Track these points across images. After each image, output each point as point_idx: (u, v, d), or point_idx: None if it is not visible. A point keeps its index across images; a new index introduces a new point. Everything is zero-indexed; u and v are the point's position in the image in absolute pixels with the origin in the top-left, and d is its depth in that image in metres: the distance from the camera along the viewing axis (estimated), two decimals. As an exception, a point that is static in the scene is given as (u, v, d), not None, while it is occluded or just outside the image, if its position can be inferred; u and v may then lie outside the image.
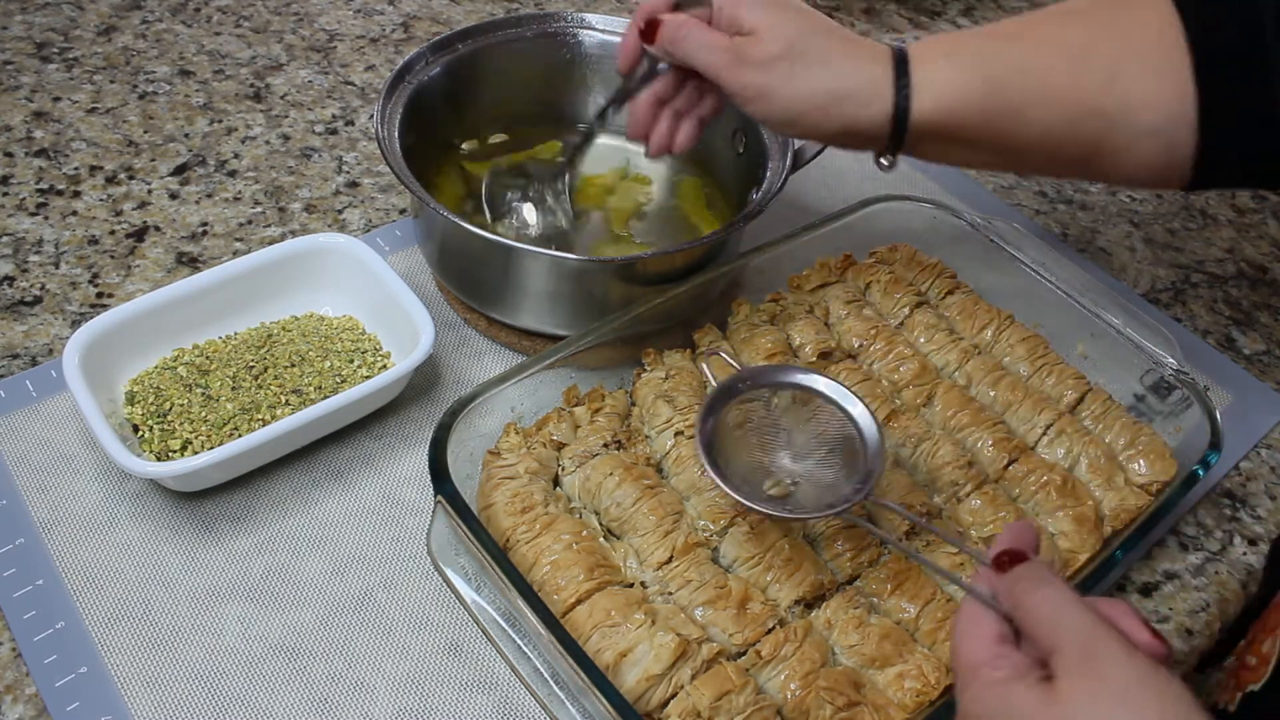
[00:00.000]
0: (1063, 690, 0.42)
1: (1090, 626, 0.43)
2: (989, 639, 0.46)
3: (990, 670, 0.44)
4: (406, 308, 0.72)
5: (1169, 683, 0.42)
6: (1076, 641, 0.43)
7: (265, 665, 0.61)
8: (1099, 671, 0.42)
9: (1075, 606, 0.44)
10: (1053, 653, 0.44)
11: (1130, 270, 0.96)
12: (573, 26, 0.87)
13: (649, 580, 0.61)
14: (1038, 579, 0.46)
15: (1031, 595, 0.45)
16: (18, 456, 0.68)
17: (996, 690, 0.44)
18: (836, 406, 0.63)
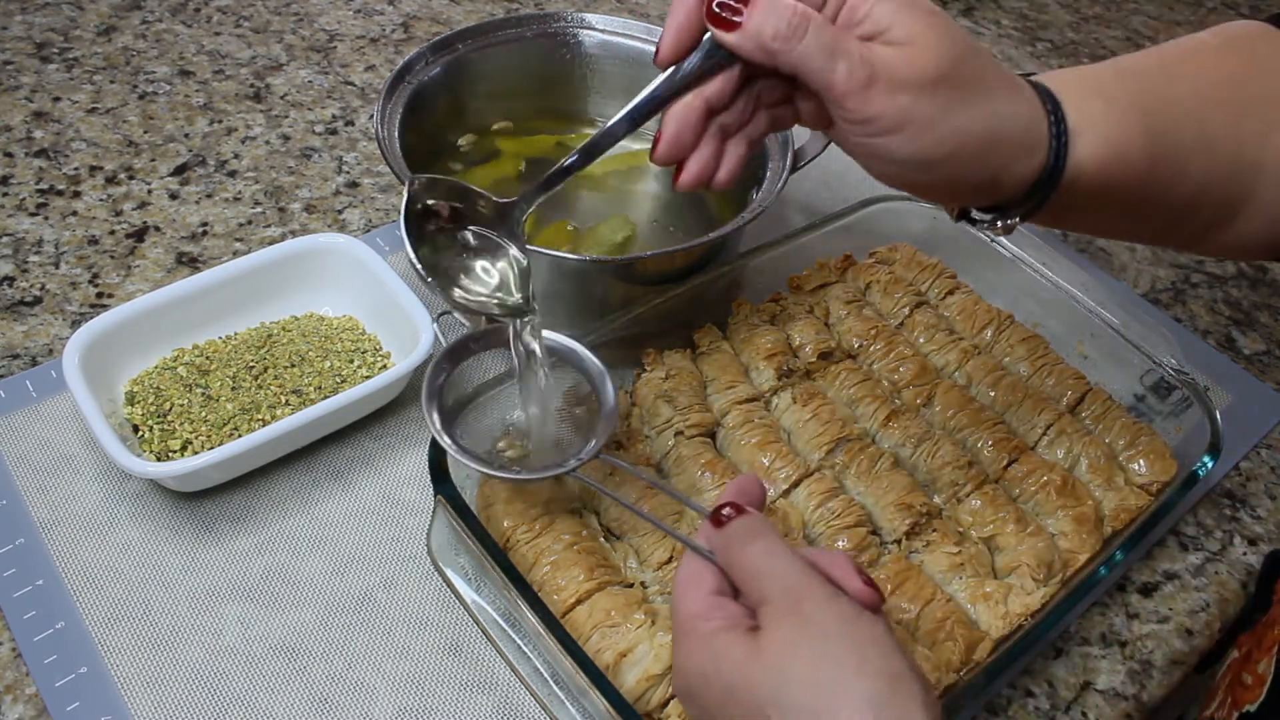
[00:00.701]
0: (766, 638, 0.43)
1: (797, 575, 0.44)
2: (706, 591, 0.46)
3: (703, 621, 0.45)
4: (406, 308, 0.72)
5: (871, 625, 0.43)
6: (782, 589, 0.44)
7: (265, 665, 0.61)
8: (801, 615, 0.43)
9: (784, 558, 0.45)
10: (761, 604, 0.44)
11: (1130, 270, 0.96)
12: (573, 26, 0.87)
13: (649, 580, 0.61)
14: (750, 532, 0.46)
15: (744, 549, 0.46)
16: (18, 456, 0.68)
17: (706, 641, 0.44)
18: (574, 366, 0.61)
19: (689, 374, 0.71)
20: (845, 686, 0.41)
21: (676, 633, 0.46)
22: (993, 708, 0.64)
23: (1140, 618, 0.70)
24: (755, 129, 0.53)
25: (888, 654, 0.42)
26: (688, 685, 0.45)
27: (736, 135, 0.53)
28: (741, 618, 0.44)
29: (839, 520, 0.65)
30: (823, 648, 0.42)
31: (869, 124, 0.48)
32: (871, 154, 0.49)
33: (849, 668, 0.41)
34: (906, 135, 0.47)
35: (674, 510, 0.64)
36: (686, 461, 0.66)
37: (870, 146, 0.49)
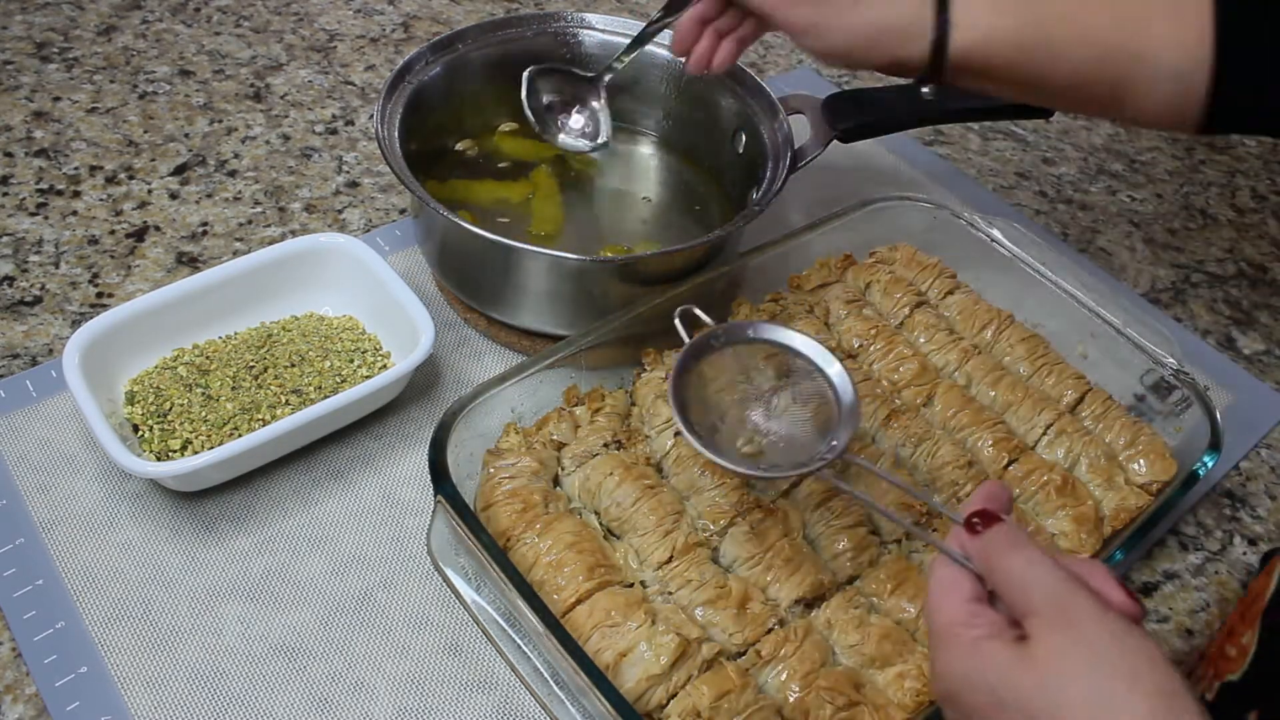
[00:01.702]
0: (1036, 648, 0.43)
1: (1064, 586, 0.44)
2: (964, 599, 0.46)
3: (965, 629, 0.45)
4: (406, 308, 0.72)
5: (1142, 640, 0.42)
6: (1050, 601, 0.44)
7: (265, 665, 0.61)
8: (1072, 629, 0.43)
9: (1048, 567, 0.45)
10: (1027, 614, 0.44)
11: (1130, 270, 0.96)
12: (573, 26, 0.87)
13: (649, 580, 0.61)
14: (1011, 541, 0.46)
15: (1005, 558, 0.46)
16: (18, 456, 0.68)
17: (971, 649, 0.44)
18: (812, 365, 0.61)
19: (689, 374, 0.71)
20: (1121, 701, 0.40)
21: (935, 639, 0.46)
22: (993, 708, 0.64)
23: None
24: (744, 31, 0.72)
25: (1161, 670, 0.42)
26: (950, 690, 0.45)
27: (729, 36, 0.73)
28: (1005, 627, 0.44)
29: (839, 520, 0.65)
30: (1097, 663, 0.42)
31: (792, 29, 0.66)
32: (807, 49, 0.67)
33: (1124, 682, 0.41)
34: (813, 36, 0.65)
35: (674, 512, 0.63)
36: (686, 461, 0.66)
37: (802, 43, 0.67)
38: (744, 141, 0.84)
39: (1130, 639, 0.42)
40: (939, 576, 0.48)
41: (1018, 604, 0.44)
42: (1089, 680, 0.41)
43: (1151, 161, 1.09)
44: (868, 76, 1.13)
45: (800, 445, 0.60)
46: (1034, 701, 0.42)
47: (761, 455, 0.60)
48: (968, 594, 0.46)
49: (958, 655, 0.44)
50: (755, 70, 1.09)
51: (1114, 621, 0.43)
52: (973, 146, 1.06)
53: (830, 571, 0.64)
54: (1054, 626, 0.43)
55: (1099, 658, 0.42)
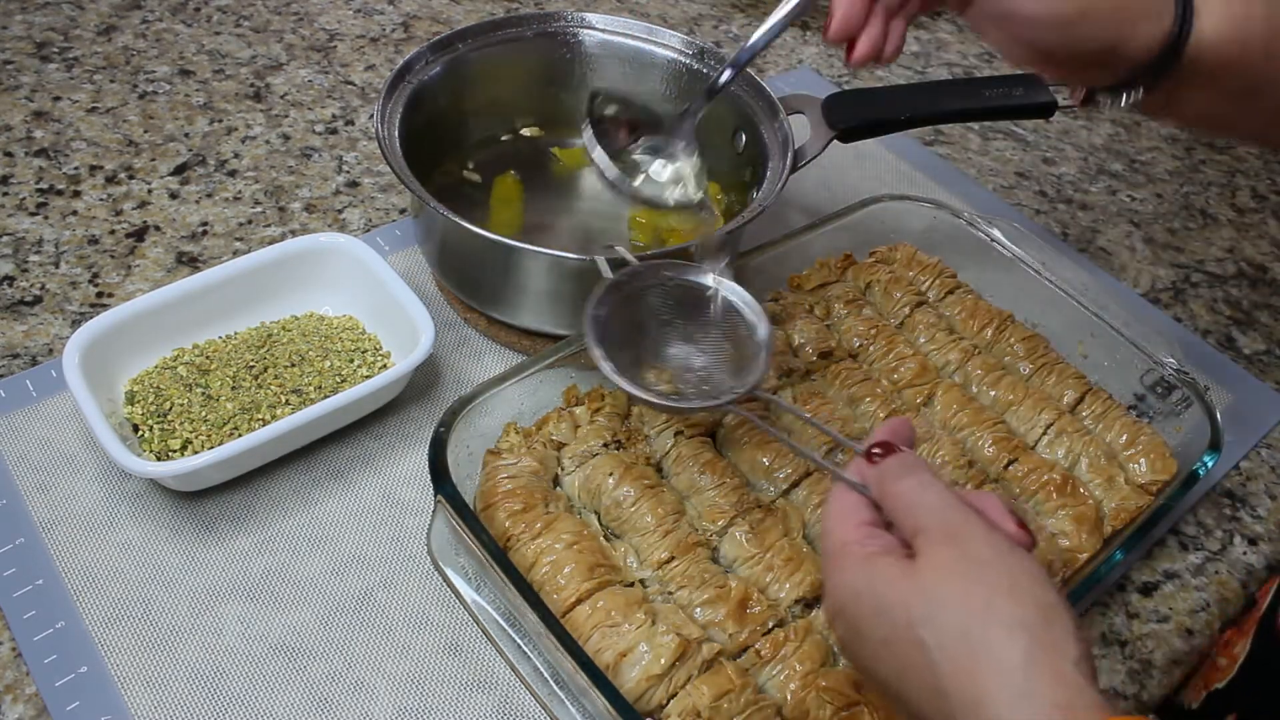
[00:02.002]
0: (922, 562, 0.44)
1: (953, 507, 0.45)
2: (859, 522, 0.47)
3: (857, 548, 0.46)
4: (406, 308, 0.72)
5: (1025, 559, 0.43)
6: (938, 520, 0.45)
7: (265, 665, 0.61)
8: (957, 545, 0.44)
9: (940, 491, 0.46)
10: (916, 533, 0.45)
11: (1130, 270, 0.96)
12: (573, 26, 0.87)
13: (649, 580, 0.61)
14: (905, 466, 0.47)
15: (899, 482, 0.47)
16: (18, 456, 0.68)
17: (861, 565, 0.45)
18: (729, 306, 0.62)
19: (689, 374, 0.71)
20: (998, 609, 0.41)
21: (827, 557, 0.47)
22: (993, 707, 0.64)
23: (1140, 617, 0.70)
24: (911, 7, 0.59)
25: (1041, 584, 0.42)
26: (838, 602, 0.46)
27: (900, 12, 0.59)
28: (895, 545, 0.46)
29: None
30: (978, 573, 0.43)
31: None
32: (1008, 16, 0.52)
33: (1001, 592, 0.42)
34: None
35: (674, 512, 0.64)
36: (686, 461, 0.66)
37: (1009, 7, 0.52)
38: (744, 141, 0.84)
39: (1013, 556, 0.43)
40: (835, 502, 0.49)
41: (907, 524, 0.46)
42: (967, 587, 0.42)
43: (1151, 161, 1.09)
44: (867, 76, 1.13)
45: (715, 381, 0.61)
46: (913, 608, 0.43)
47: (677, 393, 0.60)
48: (863, 518, 0.47)
49: (848, 570, 0.46)
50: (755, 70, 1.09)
51: (1000, 541, 0.44)
52: (973, 146, 1.06)
53: (830, 571, 0.64)
54: (940, 542, 0.44)
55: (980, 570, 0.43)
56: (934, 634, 0.42)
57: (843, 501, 0.49)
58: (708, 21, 1.18)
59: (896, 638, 0.43)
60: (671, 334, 0.63)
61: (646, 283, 0.63)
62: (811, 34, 1.18)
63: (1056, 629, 0.41)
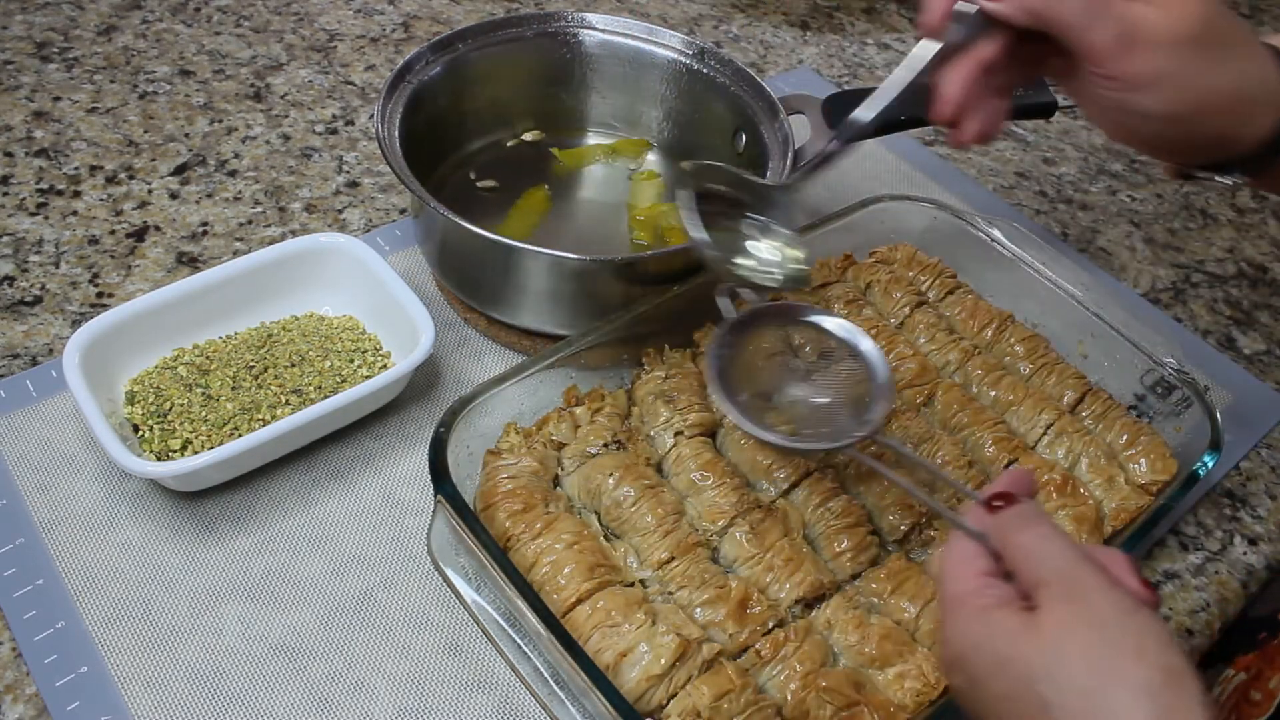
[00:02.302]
0: (1044, 616, 0.43)
1: (1075, 561, 0.44)
2: (977, 571, 0.46)
3: (975, 598, 0.45)
4: (406, 308, 0.72)
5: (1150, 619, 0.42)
6: (1060, 574, 0.44)
7: (265, 665, 0.61)
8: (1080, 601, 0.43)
9: (1062, 543, 0.45)
10: (1037, 586, 0.44)
11: (1130, 270, 0.96)
12: (573, 26, 0.87)
13: (649, 580, 0.61)
14: (1027, 518, 0.46)
15: (1020, 533, 0.46)
16: (18, 456, 0.68)
17: (980, 618, 0.44)
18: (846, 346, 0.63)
19: (689, 374, 0.71)
20: (1122, 671, 0.40)
21: (945, 609, 0.46)
22: (993, 708, 0.64)
23: (1140, 617, 0.70)
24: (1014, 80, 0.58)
25: (1166, 648, 0.41)
26: (957, 653, 0.45)
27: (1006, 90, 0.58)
28: (1014, 598, 0.45)
29: (839, 520, 0.65)
30: (1101, 633, 0.42)
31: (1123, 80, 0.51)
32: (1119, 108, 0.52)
33: (1127, 654, 0.41)
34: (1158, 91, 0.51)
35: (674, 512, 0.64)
36: (687, 461, 0.66)
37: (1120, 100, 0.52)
38: (744, 141, 0.84)
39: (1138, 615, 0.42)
40: (954, 549, 0.48)
41: (1029, 576, 0.45)
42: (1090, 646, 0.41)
43: (1151, 161, 1.09)
44: (867, 76, 1.14)
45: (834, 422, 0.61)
46: (1034, 665, 0.42)
47: (795, 433, 0.61)
48: (981, 568, 0.46)
49: (966, 621, 0.45)
50: (755, 70, 1.09)
51: (1123, 599, 0.43)
52: (973, 146, 1.06)
53: (830, 571, 0.64)
54: (1062, 597, 0.43)
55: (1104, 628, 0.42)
56: (1055, 693, 0.41)
57: (962, 549, 0.48)
58: (708, 21, 1.18)
59: (1016, 694, 0.42)
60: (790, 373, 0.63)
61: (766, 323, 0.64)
62: (811, 34, 1.18)
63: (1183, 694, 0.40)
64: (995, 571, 0.46)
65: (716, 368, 0.61)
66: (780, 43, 1.16)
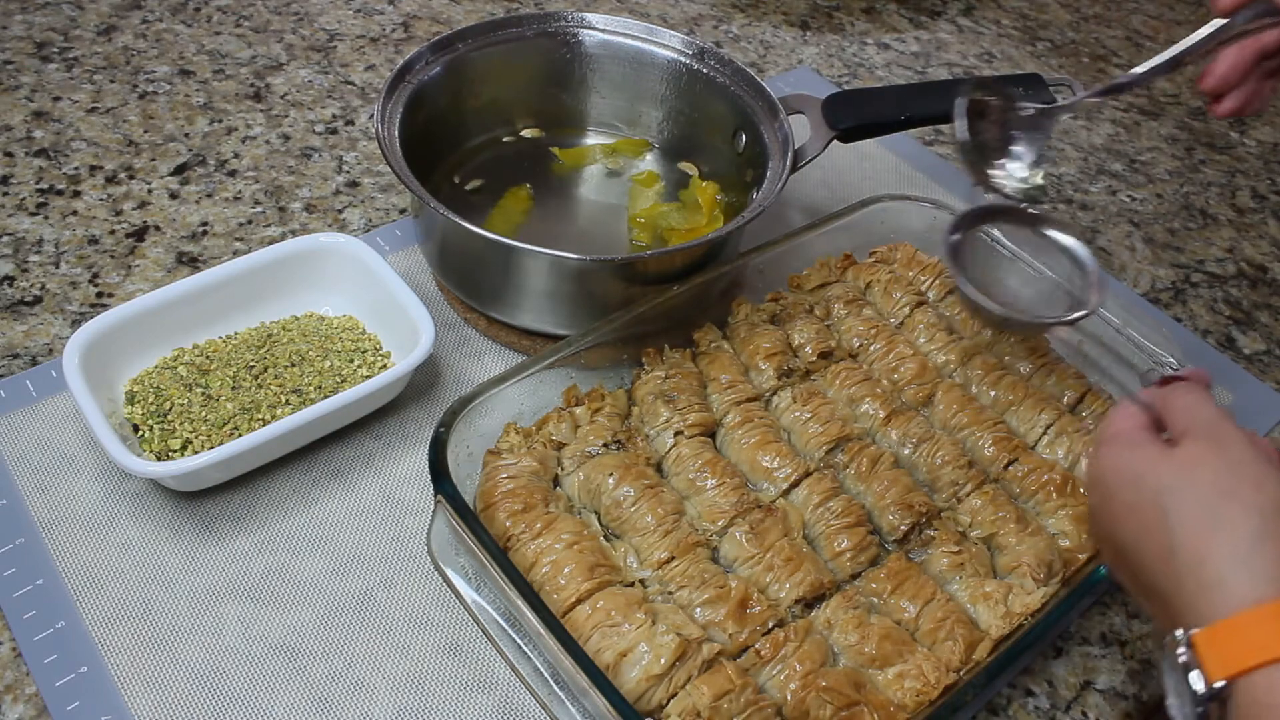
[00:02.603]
0: (1182, 450, 0.48)
1: (1224, 420, 0.49)
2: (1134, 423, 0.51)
3: (1127, 436, 0.50)
4: (406, 308, 0.72)
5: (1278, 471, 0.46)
6: (1207, 424, 0.49)
7: (265, 665, 0.61)
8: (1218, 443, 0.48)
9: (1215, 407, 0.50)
10: (1185, 433, 0.49)
11: (1130, 270, 0.96)
12: (573, 26, 0.87)
13: (649, 580, 0.61)
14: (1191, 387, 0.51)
15: (1181, 395, 0.51)
16: (18, 456, 0.68)
17: (1127, 445, 0.50)
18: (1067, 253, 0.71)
19: (689, 373, 0.71)
20: (1240, 493, 0.45)
21: (1098, 442, 0.52)
22: (993, 707, 0.64)
23: (1140, 617, 0.70)
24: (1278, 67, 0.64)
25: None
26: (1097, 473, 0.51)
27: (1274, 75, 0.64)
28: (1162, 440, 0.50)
29: (839, 520, 0.65)
30: (1230, 467, 0.46)
31: None
32: None
33: (1248, 482, 0.46)
34: None
35: (674, 512, 0.64)
36: (686, 461, 0.66)
37: None
38: (744, 141, 0.84)
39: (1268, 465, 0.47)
40: (1119, 405, 0.54)
41: (1179, 424, 0.50)
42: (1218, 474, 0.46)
43: (1151, 161, 1.09)
44: (867, 76, 1.14)
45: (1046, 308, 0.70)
46: (1164, 479, 0.47)
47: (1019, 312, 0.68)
48: (1140, 421, 0.51)
49: (1113, 450, 0.50)
50: (755, 70, 1.09)
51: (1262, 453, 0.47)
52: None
53: (830, 571, 0.64)
54: (1204, 436, 0.48)
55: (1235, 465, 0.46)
56: (1176, 502, 0.46)
57: (1125, 406, 0.53)
58: (708, 21, 1.18)
59: (1142, 503, 0.47)
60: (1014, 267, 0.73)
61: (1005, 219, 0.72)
62: (811, 34, 1.18)
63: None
64: (1152, 427, 0.51)
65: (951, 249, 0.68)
66: (780, 43, 1.16)
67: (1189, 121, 1.15)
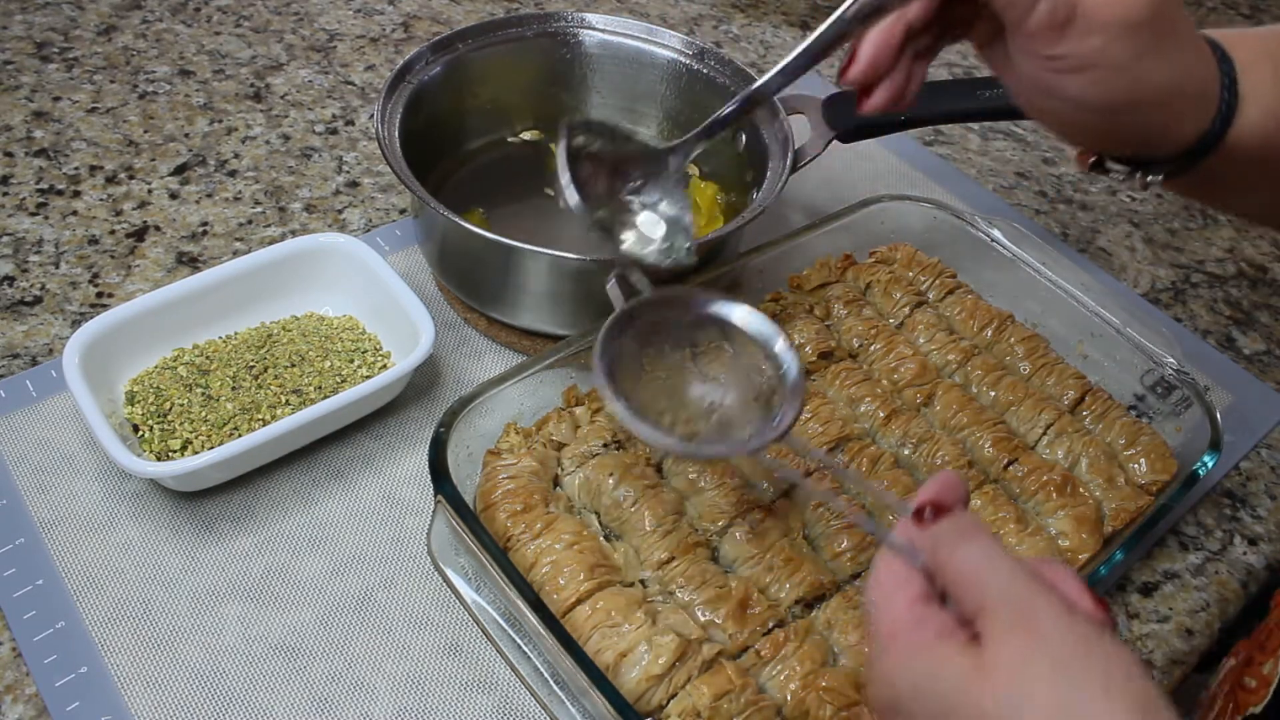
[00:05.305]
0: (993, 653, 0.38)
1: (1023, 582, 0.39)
2: (911, 598, 0.41)
3: (912, 632, 0.40)
4: (406, 308, 0.72)
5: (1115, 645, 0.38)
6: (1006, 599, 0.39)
7: (265, 665, 0.61)
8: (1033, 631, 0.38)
9: (1005, 562, 0.40)
10: (980, 612, 0.39)
11: (1130, 270, 0.96)
12: (573, 26, 0.87)
13: (649, 580, 0.61)
14: (962, 532, 0.41)
15: (956, 551, 0.41)
16: (18, 456, 0.68)
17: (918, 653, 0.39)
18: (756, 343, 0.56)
19: (689, 374, 0.71)
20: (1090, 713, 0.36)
21: (879, 643, 0.41)
22: (993, 708, 0.64)
23: (1140, 617, 0.70)
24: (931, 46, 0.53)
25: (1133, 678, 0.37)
26: (893, 697, 0.40)
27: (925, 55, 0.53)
28: (955, 628, 0.40)
29: (839, 520, 0.65)
30: (1063, 670, 0.37)
31: (1054, 61, 0.47)
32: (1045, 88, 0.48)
33: (1094, 691, 0.36)
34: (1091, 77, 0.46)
35: (674, 512, 0.64)
36: (686, 461, 0.66)
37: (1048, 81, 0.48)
38: (744, 141, 0.84)
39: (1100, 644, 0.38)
40: (882, 572, 0.43)
41: (969, 601, 0.40)
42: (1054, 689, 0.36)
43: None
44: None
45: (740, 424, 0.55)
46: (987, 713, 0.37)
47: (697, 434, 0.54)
48: (915, 593, 0.41)
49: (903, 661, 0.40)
50: (755, 70, 1.09)
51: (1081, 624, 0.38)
52: (973, 146, 1.06)
53: (830, 571, 0.64)
54: (1011, 627, 0.38)
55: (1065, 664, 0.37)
56: None
57: (890, 572, 0.42)
58: (708, 21, 1.18)
59: None
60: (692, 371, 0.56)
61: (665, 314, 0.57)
62: (811, 34, 1.18)
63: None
64: (929, 595, 0.41)
65: (606, 364, 0.53)
66: (780, 43, 1.16)
67: (1189, 121, 1.15)
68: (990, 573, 0.40)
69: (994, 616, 0.39)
